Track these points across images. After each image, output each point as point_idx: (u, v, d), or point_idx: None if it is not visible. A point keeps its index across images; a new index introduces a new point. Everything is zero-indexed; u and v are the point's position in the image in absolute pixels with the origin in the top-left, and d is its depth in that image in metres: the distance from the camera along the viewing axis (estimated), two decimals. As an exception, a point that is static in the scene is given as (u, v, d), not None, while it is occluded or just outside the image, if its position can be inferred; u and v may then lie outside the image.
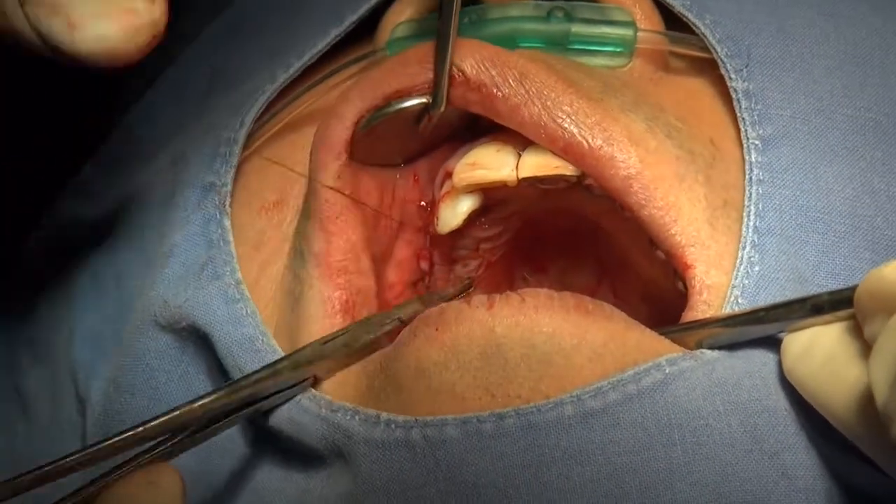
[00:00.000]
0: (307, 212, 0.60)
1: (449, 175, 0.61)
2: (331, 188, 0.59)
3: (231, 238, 0.62)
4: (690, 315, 0.55)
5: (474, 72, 0.57)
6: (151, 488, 0.49)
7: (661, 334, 0.55)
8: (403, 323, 0.57)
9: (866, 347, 0.44)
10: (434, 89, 0.58)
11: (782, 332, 0.51)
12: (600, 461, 0.51)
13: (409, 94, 0.58)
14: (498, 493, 0.51)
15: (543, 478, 0.51)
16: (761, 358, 0.53)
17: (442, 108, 0.58)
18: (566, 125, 0.56)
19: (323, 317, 0.58)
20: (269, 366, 0.55)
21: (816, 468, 0.52)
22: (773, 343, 0.53)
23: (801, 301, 0.48)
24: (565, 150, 0.56)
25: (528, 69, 0.57)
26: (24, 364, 0.75)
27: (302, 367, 0.55)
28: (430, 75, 0.58)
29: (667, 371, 0.52)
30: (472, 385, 0.52)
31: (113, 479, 0.50)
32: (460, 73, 0.57)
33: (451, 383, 0.52)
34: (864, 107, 0.58)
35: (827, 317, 0.47)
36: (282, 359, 0.56)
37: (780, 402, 0.52)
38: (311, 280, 0.58)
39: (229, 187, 0.63)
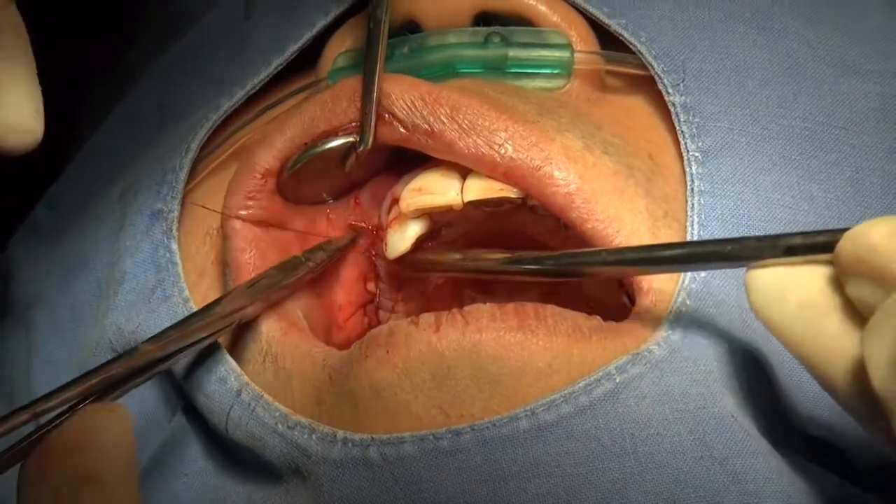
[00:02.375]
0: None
1: (395, 201, 0.63)
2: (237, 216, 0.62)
3: (178, 260, 0.63)
4: (636, 317, 0.56)
5: (405, 114, 0.58)
6: (110, 415, 0.49)
7: (647, 269, 0.54)
8: (314, 266, 0.60)
9: (848, 304, 0.44)
10: (361, 129, 0.59)
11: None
12: (556, 473, 0.52)
13: (335, 134, 0.60)
14: None
15: (501, 492, 0.52)
16: (706, 365, 0.54)
17: (369, 146, 0.59)
18: (503, 151, 0.58)
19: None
20: (199, 312, 0.57)
21: (766, 471, 0.53)
22: (717, 347, 0.55)
23: (773, 239, 0.47)
24: (506, 175, 0.58)
25: (459, 102, 0.58)
26: None
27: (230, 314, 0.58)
28: (357, 113, 0.59)
29: (617, 380, 0.53)
30: (427, 405, 0.54)
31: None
32: (390, 115, 0.58)
33: (407, 403, 0.54)
34: (800, 116, 0.60)
35: (797, 258, 0.46)
36: (212, 303, 0.58)
37: (727, 408, 0.54)
38: None
39: (176, 213, 0.64)
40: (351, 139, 0.60)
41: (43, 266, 0.73)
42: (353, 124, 0.60)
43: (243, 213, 0.61)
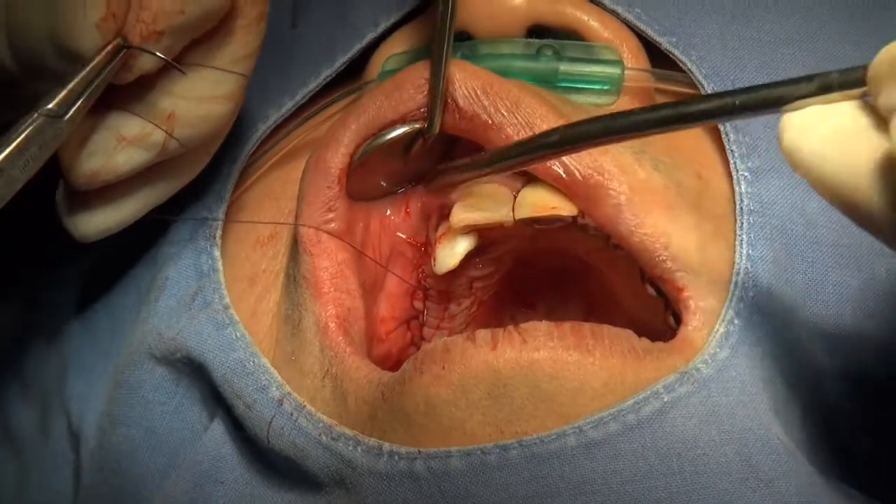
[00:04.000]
0: (294, 238, 0.61)
1: (445, 216, 0.63)
2: (314, 227, 0.61)
3: (220, 267, 0.64)
4: (685, 337, 0.56)
5: (466, 102, 0.59)
6: None
7: (682, 125, 0.52)
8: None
9: (880, 120, 0.43)
10: (429, 114, 0.59)
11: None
12: (603, 491, 0.52)
13: (402, 122, 0.60)
14: None
15: None
16: (753, 386, 0.55)
17: (436, 133, 0.60)
18: None
19: (321, 336, 0.59)
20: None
21: (809, 495, 0.54)
22: (763, 368, 0.55)
23: (808, 78, 0.46)
24: (557, 179, 0.58)
25: (521, 99, 0.59)
26: (12, 402, 0.75)
27: None
28: (424, 99, 0.60)
29: (665, 399, 0.53)
30: (482, 422, 0.54)
31: None
32: (453, 102, 0.59)
33: (461, 420, 0.54)
34: None
35: (835, 95, 0.45)
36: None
37: (773, 430, 0.54)
38: (305, 303, 0.60)
39: (221, 221, 0.64)
40: (417, 126, 0.60)
41: (79, 268, 0.74)
42: (422, 110, 0.60)
43: (325, 225, 0.61)
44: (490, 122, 0.59)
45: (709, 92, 0.61)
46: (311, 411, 0.57)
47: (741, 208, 0.58)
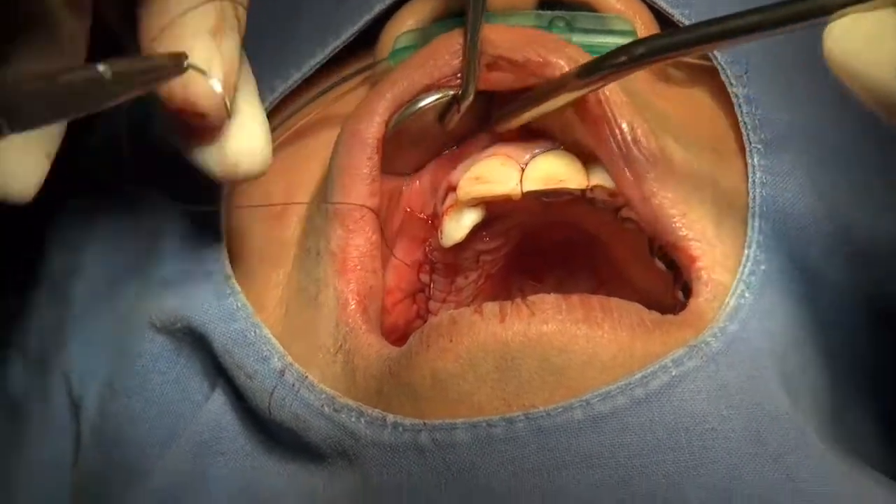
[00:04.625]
0: (326, 211, 0.60)
1: (452, 188, 0.63)
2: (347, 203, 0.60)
3: (223, 238, 0.63)
4: (695, 310, 0.56)
5: (514, 52, 0.59)
6: None
7: (724, 42, 0.52)
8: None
9: None
10: (465, 78, 0.59)
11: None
12: (610, 464, 0.52)
13: (436, 88, 0.60)
14: (508, 497, 0.53)
15: (554, 481, 0.52)
16: (762, 361, 0.55)
17: (471, 98, 0.59)
18: (600, 101, 0.58)
19: (339, 312, 0.59)
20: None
21: (819, 470, 0.54)
22: (773, 342, 0.55)
23: None
24: (596, 123, 0.58)
25: (561, 43, 0.59)
26: (11, 369, 0.75)
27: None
28: (459, 64, 0.59)
29: (673, 373, 0.53)
30: (490, 396, 0.53)
31: None
32: (500, 58, 0.59)
33: (469, 394, 0.54)
34: (859, 112, 0.60)
35: (877, 2, 0.46)
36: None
37: (782, 405, 0.54)
38: (327, 278, 0.60)
39: (224, 191, 0.64)
40: (451, 92, 0.60)
41: (81, 236, 0.73)
42: (457, 76, 0.59)
43: (370, 200, 0.60)
44: (542, 60, 0.58)
45: (721, 63, 0.61)
46: (312, 382, 0.57)
47: (754, 181, 0.58)
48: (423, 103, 0.60)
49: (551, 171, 0.60)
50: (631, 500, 0.52)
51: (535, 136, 0.62)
